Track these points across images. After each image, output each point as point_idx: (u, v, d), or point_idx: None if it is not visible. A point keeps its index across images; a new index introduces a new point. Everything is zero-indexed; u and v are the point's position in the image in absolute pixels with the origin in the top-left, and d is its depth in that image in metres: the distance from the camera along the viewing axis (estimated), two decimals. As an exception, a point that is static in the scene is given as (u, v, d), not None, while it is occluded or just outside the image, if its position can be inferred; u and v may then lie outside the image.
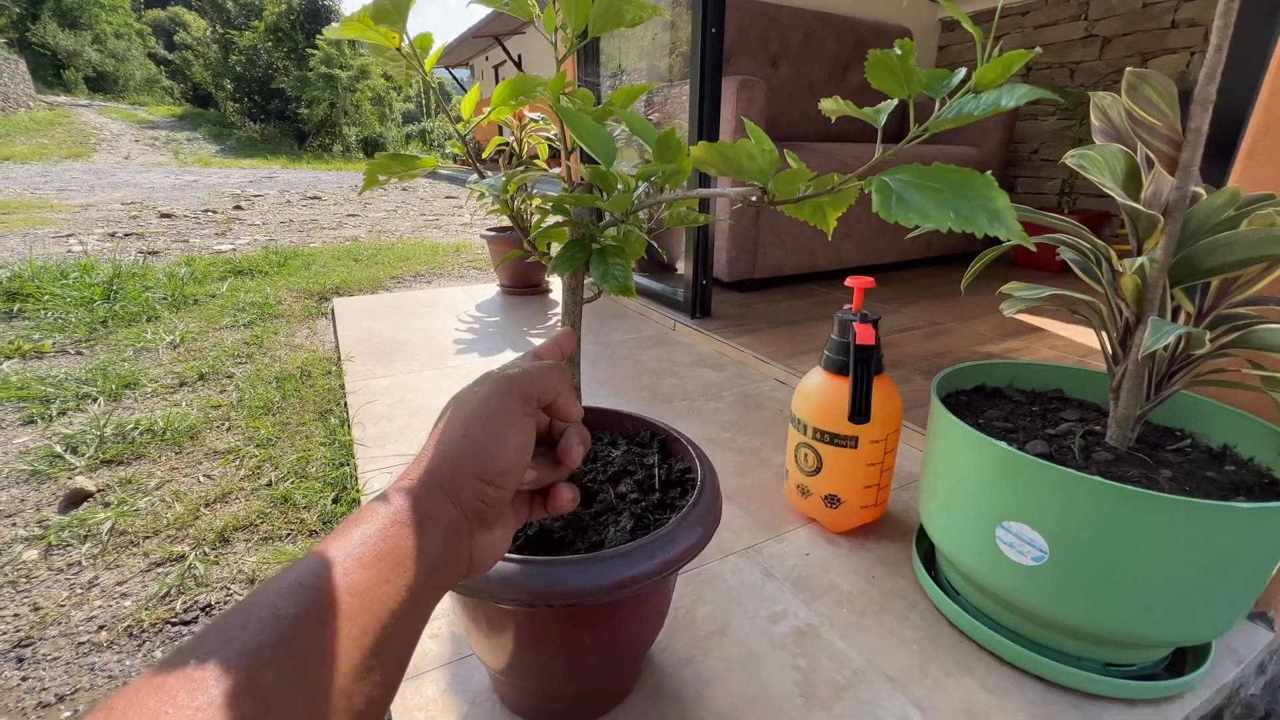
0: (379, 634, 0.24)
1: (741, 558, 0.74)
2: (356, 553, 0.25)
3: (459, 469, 0.29)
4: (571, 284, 0.44)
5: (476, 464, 0.30)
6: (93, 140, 11.04)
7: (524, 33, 8.95)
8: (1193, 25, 2.13)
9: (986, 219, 0.25)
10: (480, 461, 0.30)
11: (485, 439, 0.30)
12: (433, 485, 0.28)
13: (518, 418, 0.32)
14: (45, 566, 0.77)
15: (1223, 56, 0.44)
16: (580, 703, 0.53)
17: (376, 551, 0.25)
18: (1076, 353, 1.44)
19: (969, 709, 0.55)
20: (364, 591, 0.24)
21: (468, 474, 0.29)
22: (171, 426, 1.10)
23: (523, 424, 0.32)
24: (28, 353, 1.46)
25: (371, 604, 0.24)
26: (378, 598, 0.24)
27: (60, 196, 4.88)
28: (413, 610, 0.26)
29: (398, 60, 0.44)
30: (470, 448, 0.30)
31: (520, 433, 0.32)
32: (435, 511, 0.28)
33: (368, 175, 0.45)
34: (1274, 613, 0.64)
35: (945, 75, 0.28)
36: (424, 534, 0.27)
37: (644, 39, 2.31)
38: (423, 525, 0.27)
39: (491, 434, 0.31)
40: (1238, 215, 0.49)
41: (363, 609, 0.23)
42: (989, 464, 0.55)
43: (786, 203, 0.33)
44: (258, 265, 2.42)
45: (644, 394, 1.23)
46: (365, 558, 0.25)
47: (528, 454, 0.32)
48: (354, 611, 0.23)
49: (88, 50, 19.17)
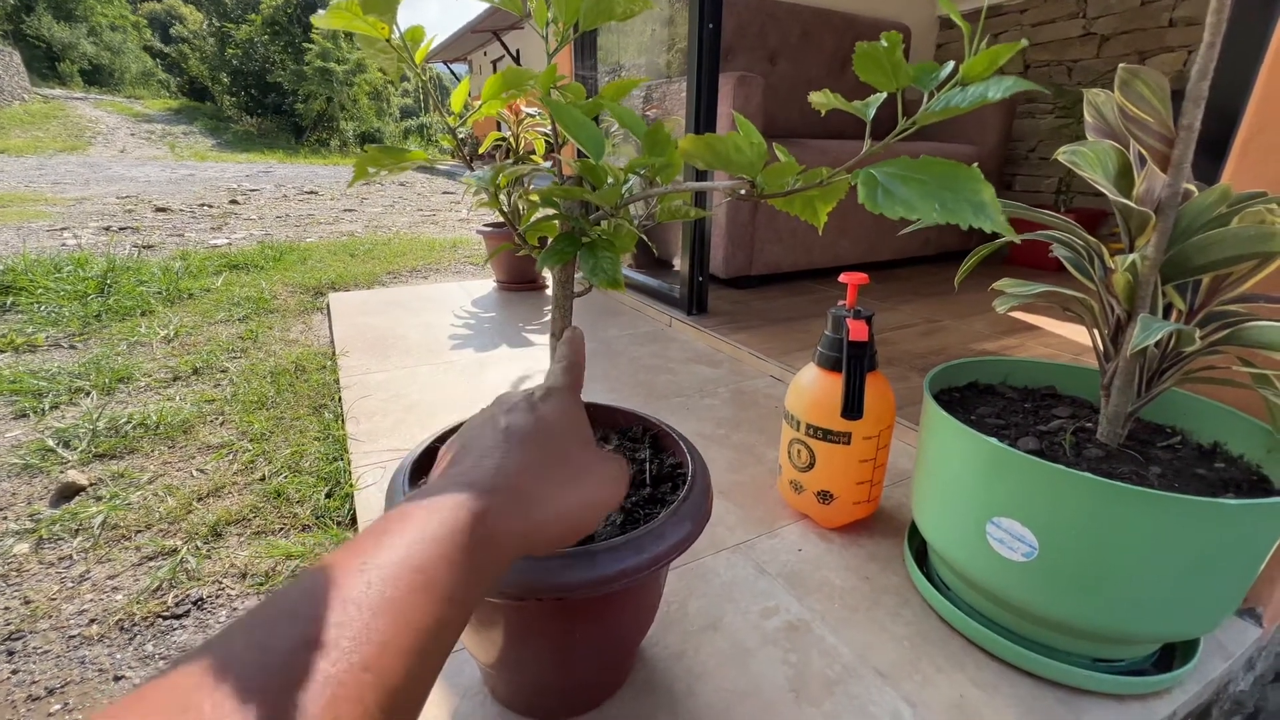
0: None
1: (734, 553, 0.74)
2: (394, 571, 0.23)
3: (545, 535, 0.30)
4: (562, 277, 0.43)
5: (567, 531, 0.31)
6: (88, 133, 10.98)
7: (523, 28, 8.92)
8: (1190, 24, 2.13)
9: (971, 211, 0.25)
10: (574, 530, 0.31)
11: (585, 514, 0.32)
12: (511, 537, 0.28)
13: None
14: (36, 560, 0.77)
15: (1215, 53, 0.44)
16: (571, 697, 0.53)
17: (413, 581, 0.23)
18: (1071, 350, 1.45)
19: (959, 704, 0.55)
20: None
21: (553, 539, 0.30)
22: (165, 421, 1.10)
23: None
24: (20, 346, 1.45)
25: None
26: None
27: (55, 190, 4.85)
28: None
29: (388, 53, 0.44)
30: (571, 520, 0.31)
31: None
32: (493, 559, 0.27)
33: (357, 168, 0.45)
34: (1262, 609, 0.65)
35: (933, 68, 0.28)
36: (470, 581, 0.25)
37: (643, 34, 2.30)
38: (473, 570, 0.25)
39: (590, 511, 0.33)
40: (1229, 212, 0.49)
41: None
42: (980, 460, 0.55)
43: (775, 196, 0.33)
44: (253, 260, 2.41)
45: (639, 390, 1.23)
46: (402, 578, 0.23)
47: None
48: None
49: (83, 43, 19.05)
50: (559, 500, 0.30)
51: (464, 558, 0.24)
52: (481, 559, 0.25)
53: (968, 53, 0.27)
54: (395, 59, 0.44)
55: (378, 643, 0.20)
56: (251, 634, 0.20)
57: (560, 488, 0.31)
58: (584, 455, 0.34)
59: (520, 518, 0.28)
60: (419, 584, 0.23)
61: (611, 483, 0.34)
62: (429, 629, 0.22)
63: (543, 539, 0.29)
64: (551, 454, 0.32)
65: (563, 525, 0.30)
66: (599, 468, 0.34)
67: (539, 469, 0.31)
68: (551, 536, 0.30)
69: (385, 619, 0.21)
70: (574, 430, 0.35)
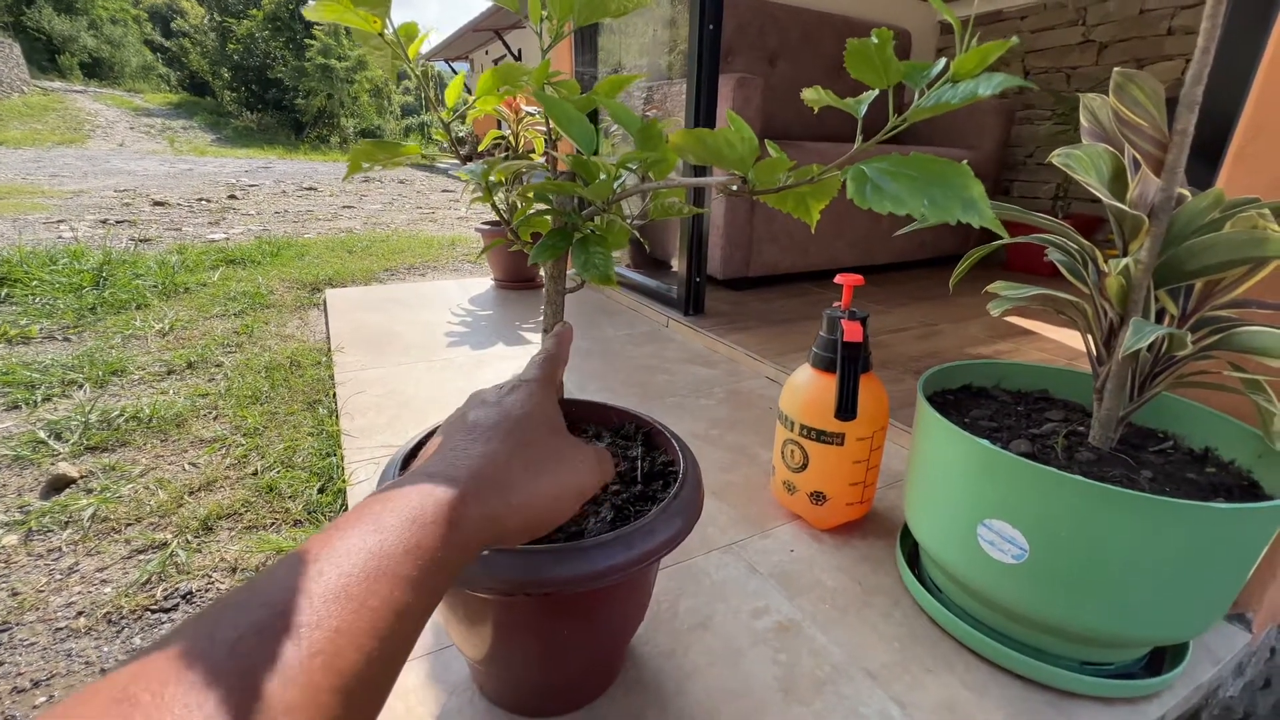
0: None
1: (725, 553, 0.74)
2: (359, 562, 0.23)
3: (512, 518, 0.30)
4: (554, 272, 0.43)
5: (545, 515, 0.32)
6: (87, 126, 10.95)
7: (524, 27, 8.91)
8: (1189, 32, 2.14)
9: (961, 207, 0.25)
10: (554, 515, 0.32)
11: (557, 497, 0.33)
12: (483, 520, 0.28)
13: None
14: (25, 552, 0.77)
15: (1209, 59, 0.44)
16: (560, 694, 0.53)
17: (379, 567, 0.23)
18: (1066, 355, 1.45)
19: (949, 705, 0.55)
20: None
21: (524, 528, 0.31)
22: (158, 414, 1.09)
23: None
24: (14, 338, 1.45)
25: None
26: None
27: (52, 182, 4.83)
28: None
29: (382, 48, 0.43)
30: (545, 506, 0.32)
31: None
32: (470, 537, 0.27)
33: (351, 161, 0.45)
34: (1252, 614, 0.65)
35: (923, 66, 0.28)
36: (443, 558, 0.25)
37: (643, 35, 2.30)
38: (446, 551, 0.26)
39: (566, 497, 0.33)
40: (1222, 218, 0.49)
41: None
42: (972, 462, 0.55)
43: (767, 192, 0.33)
44: (250, 255, 2.41)
45: (635, 390, 1.23)
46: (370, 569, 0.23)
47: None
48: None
49: (83, 35, 19.01)
50: (527, 486, 0.31)
51: (424, 545, 0.25)
52: (442, 546, 0.25)
53: (959, 48, 0.27)
54: (389, 54, 0.44)
55: (331, 628, 0.21)
56: (200, 626, 0.20)
57: (527, 473, 0.31)
58: (552, 441, 0.34)
59: (483, 503, 0.28)
60: (375, 570, 0.23)
61: (585, 469, 0.34)
62: (387, 614, 0.22)
63: (512, 526, 0.30)
64: (518, 442, 0.33)
65: (532, 510, 0.31)
66: (570, 453, 0.34)
67: (504, 457, 0.31)
68: (521, 523, 0.30)
69: (339, 604, 0.21)
70: (541, 418, 0.35)
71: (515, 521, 0.30)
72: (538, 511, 0.31)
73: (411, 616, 0.23)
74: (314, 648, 0.20)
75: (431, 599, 0.25)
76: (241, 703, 0.18)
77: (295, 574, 0.22)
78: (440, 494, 0.27)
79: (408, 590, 0.23)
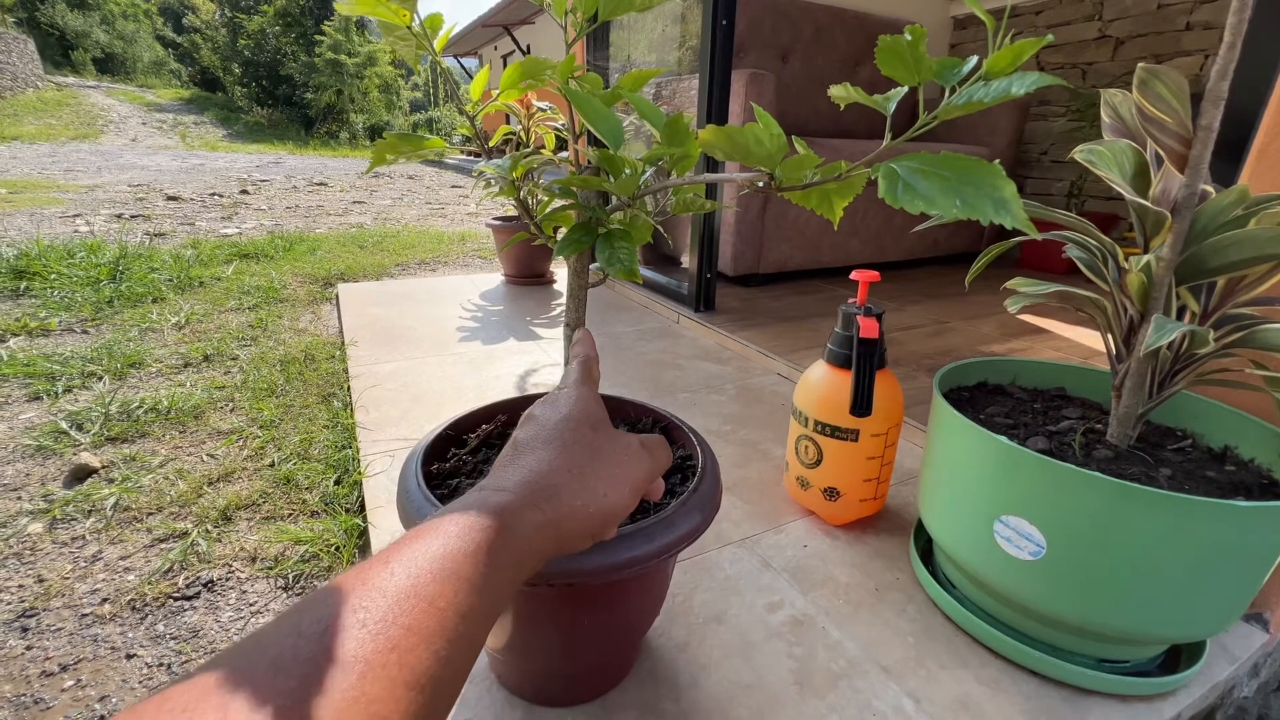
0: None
1: (739, 548, 0.74)
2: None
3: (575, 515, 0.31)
4: (577, 267, 0.44)
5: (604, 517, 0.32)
6: (100, 122, 11.04)
7: (533, 23, 8.91)
8: (1208, 28, 2.11)
9: (993, 207, 0.25)
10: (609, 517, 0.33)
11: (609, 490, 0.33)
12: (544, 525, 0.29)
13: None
14: (50, 540, 0.78)
15: (1235, 54, 0.44)
16: (577, 683, 0.53)
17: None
18: (1080, 354, 1.44)
19: (963, 701, 0.55)
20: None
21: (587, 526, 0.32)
22: (176, 406, 1.11)
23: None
24: (34, 330, 1.47)
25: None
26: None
27: (67, 177, 4.88)
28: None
29: (407, 40, 0.44)
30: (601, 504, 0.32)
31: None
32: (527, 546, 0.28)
33: (375, 154, 0.45)
34: (1270, 614, 0.64)
35: (955, 63, 0.28)
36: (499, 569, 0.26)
37: (654, 31, 2.30)
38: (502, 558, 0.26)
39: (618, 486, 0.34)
40: (1246, 214, 0.48)
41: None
42: (989, 459, 0.55)
43: (793, 189, 0.33)
44: (263, 249, 2.43)
45: (647, 385, 1.23)
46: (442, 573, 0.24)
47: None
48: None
49: (96, 31, 19.15)
50: (575, 487, 0.31)
51: (487, 551, 0.25)
52: (504, 552, 0.26)
53: (991, 48, 0.27)
54: (414, 46, 0.44)
55: (403, 625, 0.21)
56: (282, 624, 0.21)
57: (573, 475, 0.32)
58: (594, 439, 0.35)
59: (537, 509, 0.29)
60: (442, 572, 0.23)
61: (630, 459, 0.35)
62: (454, 614, 0.23)
63: (572, 529, 0.31)
64: (561, 445, 0.33)
65: (587, 511, 0.31)
66: (609, 447, 0.35)
67: (547, 464, 0.32)
68: (580, 525, 0.31)
69: (410, 602, 0.22)
70: (582, 417, 0.36)
71: (574, 525, 0.30)
72: (593, 510, 0.31)
73: (474, 619, 0.24)
74: (391, 642, 0.21)
75: (494, 604, 0.26)
76: (322, 689, 0.18)
77: (371, 572, 0.23)
78: (494, 501, 0.28)
79: (471, 593, 0.24)
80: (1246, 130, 0.61)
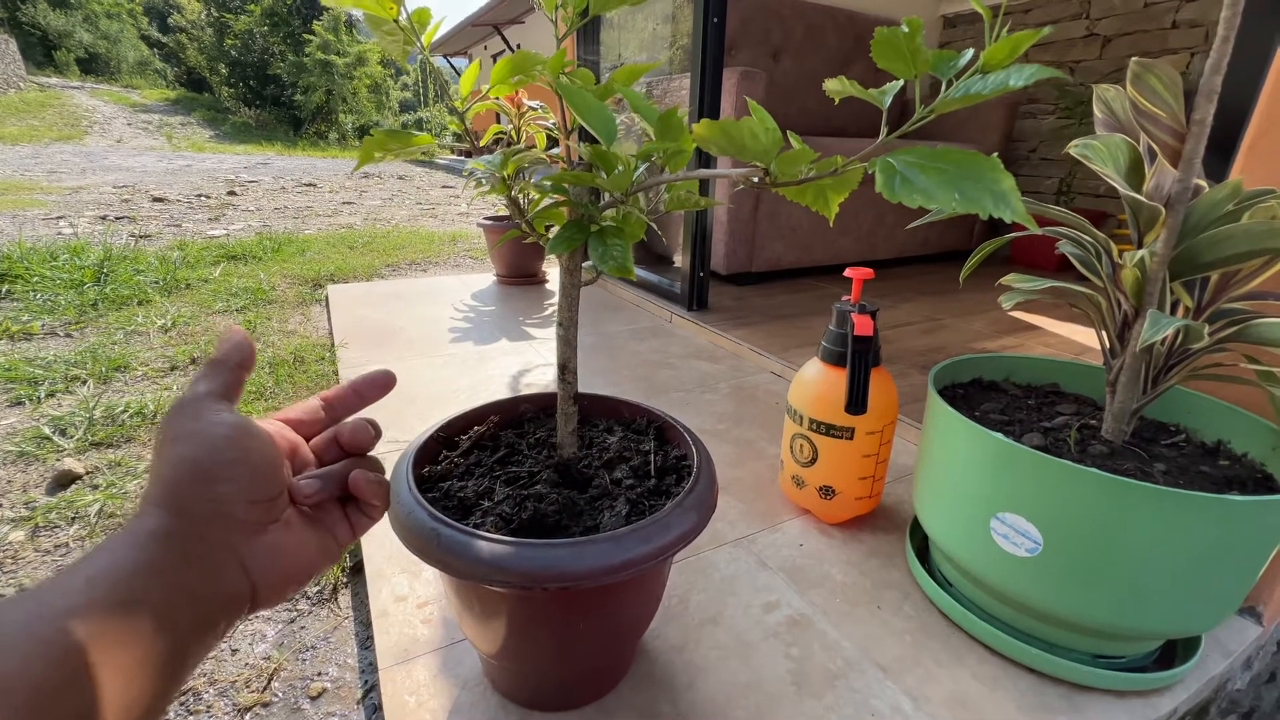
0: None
1: (735, 548, 0.74)
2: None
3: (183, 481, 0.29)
4: (569, 265, 0.43)
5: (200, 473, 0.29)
6: (84, 122, 10.89)
7: (523, 22, 8.88)
8: (1194, 25, 2.13)
9: (992, 200, 0.25)
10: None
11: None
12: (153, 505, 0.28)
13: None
14: (32, 548, 0.76)
15: (1229, 48, 0.44)
16: (573, 688, 0.53)
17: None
18: (1072, 350, 1.45)
19: (960, 698, 0.55)
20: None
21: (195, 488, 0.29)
22: (162, 410, 1.09)
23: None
24: (16, 334, 1.44)
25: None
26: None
27: (50, 179, 4.81)
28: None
29: (395, 34, 0.43)
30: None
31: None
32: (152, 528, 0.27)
33: (363, 152, 0.44)
34: (1263, 607, 0.65)
35: (952, 56, 0.28)
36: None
37: (644, 31, 2.29)
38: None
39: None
40: (1239, 209, 0.49)
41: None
42: (985, 455, 0.55)
43: (789, 184, 0.33)
44: (251, 251, 2.40)
45: (640, 385, 1.23)
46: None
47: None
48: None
49: (79, 31, 18.91)
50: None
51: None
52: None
53: (988, 39, 0.27)
54: (402, 41, 0.43)
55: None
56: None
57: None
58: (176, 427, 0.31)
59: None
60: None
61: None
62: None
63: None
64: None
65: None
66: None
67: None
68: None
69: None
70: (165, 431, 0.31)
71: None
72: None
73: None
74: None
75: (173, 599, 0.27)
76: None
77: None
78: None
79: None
80: (1237, 125, 0.61)
